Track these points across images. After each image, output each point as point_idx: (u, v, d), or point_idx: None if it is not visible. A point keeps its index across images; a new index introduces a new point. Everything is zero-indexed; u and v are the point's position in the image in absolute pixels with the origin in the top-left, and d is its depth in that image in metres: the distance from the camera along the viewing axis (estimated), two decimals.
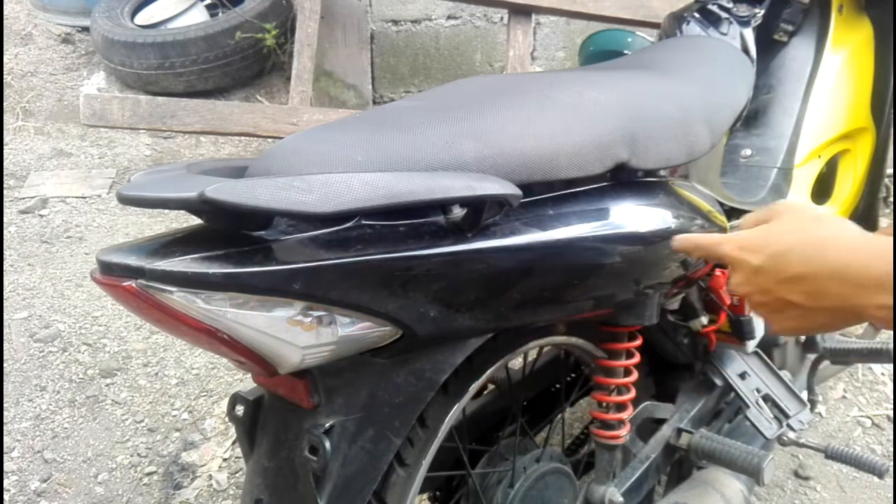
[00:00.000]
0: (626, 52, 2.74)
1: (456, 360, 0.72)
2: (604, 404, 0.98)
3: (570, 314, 0.80)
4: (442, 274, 0.64)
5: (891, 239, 0.52)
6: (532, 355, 1.13)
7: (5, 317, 2.00)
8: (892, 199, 1.67)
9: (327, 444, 0.68)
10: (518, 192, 0.64)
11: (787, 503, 1.56)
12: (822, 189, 1.47)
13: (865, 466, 1.08)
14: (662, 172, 0.87)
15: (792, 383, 1.13)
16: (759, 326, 1.10)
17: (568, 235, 0.72)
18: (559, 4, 2.92)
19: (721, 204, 1.05)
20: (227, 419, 1.38)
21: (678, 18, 1.31)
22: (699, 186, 0.99)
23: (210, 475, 1.59)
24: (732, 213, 1.14)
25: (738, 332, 1.05)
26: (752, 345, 1.10)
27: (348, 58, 3.48)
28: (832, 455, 1.11)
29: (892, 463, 1.08)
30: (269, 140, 2.90)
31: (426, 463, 0.78)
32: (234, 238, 0.59)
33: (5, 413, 1.72)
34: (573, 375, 1.21)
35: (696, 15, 1.29)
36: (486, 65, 3.71)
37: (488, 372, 0.83)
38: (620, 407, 0.98)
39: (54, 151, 2.95)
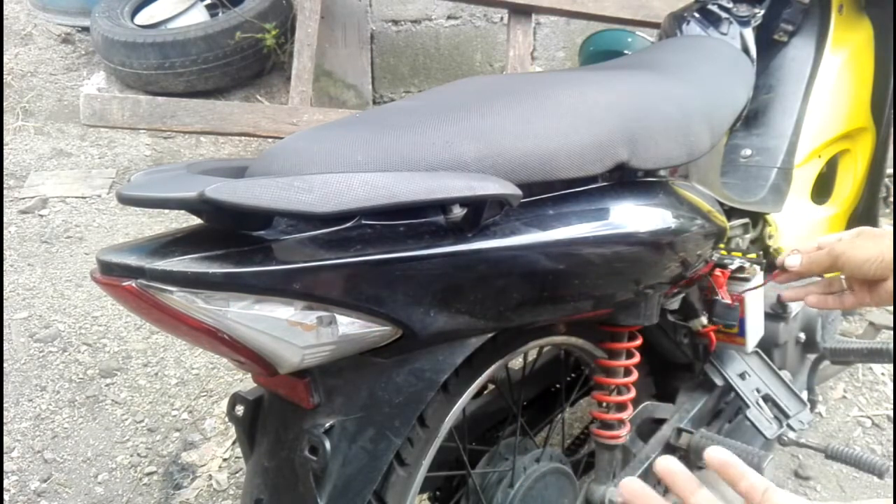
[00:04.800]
0: (626, 52, 2.74)
1: (456, 360, 0.72)
2: (604, 404, 0.98)
3: (570, 314, 0.80)
4: (442, 274, 0.64)
5: None
6: (532, 355, 1.13)
7: (5, 317, 2.00)
8: (892, 199, 1.67)
9: (327, 444, 0.68)
10: (518, 192, 0.64)
11: None
12: (822, 189, 1.47)
13: (865, 466, 1.08)
14: (662, 172, 0.87)
15: (792, 383, 1.13)
16: (758, 325, 1.09)
17: (568, 235, 0.72)
18: (559, 4, 2.92)
19: (721, 204, 1.05)
20: (227, 419, 1.38)
21: (678, 18, 1.31)
22: (699, 186, 0.99)
23: (210, 475, 1.59)
24: (732, 212, 1.14)
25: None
26: (751, 345, 1.10)
27: (348, 58, 3.48)
28: (832, 455, 1.11)
29: (892, 463, 1.08)
30: (269, 140, 2.90)
31: (426, 463, 0.78)
32: (234, 238, 0.59)
33: (5, 413, 1.72)
34: (573, 375, 1.21)
35: (696, 15, 1.29)
36: (486, 65, 3.70)
37: (488, 372, 0.83)
38: (620, 407, 0.98)
39: (54, 151, 2.95)
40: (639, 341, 0.96)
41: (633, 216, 0.79)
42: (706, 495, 0.54)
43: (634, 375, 0.98)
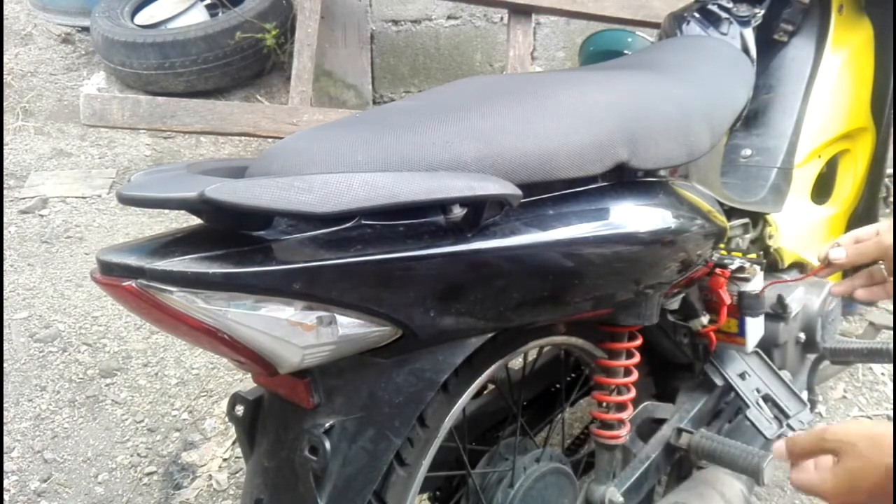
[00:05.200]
0: (626, 52, 2.74)
1: (456, 360, 0.72)
2: (604, 404, 0.98)
3: (570, 314, 0.80)
4: (442, 274, 0.64)
5: None
6: (532, 355, 1.13)
7: (5, 317, 2.00)
8: (892, 199, 1.67)
9: (327, 444, 0.68)
10: (518, 192, 0.64)
11: (787, 503, 1.56)
12: (822, 189, 1.48)
13: None
14: (662, 172, 0.87)
15: (792, 383, 1.13)
16: (758, 325, 1.09)
17: (568, 235, 0.72)
18: (559, 4, 2.92)
19: (721, 204, 1.05)
20: (227, 419, 1.38)
21: (678, 18, 1.31)
22: (699, 186, 0.99)
23: (210, 475, 1.59)
24: (732, 212, 1.14)
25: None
26: (751, 345, 1.10)
27: (348, 58, 3.48)
28: None
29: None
30: (269, 140, 2.90)
31: (426, 463, 0.78)
32: (234, 238, 0.59)
33: (5, 413, 1.72)
34: (573, 375, 1.21)
35: (696, 15, 1.29)
36: (486, 65, 3.70)
37: (488, 372, 0.83)
38: (620, 407, 0.98)
39: (54, 151, 2.95)
40: (639, 341, 0.96)
41: (633, 216, 0.79)
42: None
43: (634, 375, 0.98)
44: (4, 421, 1.70)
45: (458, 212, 0.64)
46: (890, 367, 1.95)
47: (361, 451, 0.70)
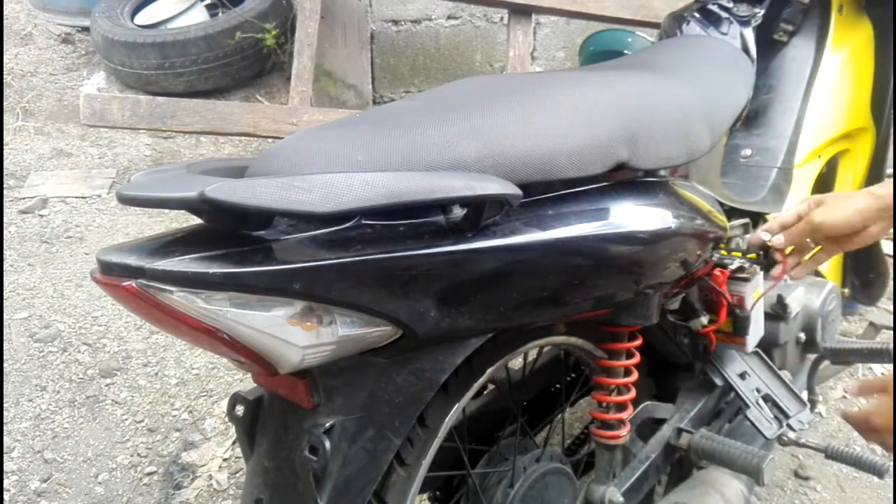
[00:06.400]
0: (626, 52, 2.74)
1: (456, 360, 0.72)
2: (604, 404, 0.98)
3: (570, 314, 0.80)
4: (442, 274, 0.64)
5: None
6: (532, 355, 1.13)
7: (5, 317, 2.00)
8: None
9: (327, 444, 0.68)
10: (518, 191, 0.64)
11: (787, 503, 1.56)
12: (822, 189, 1.47)
13: (865, 466, 1.08)
14: (662, 172, 0.87)
15: (792, 383, 1.13)
16: (758, 326, 1.09)
17: (568, 235, 0.72)
18: (559, 4, 2.92)
19: (721, 204, 1.05)
20: (227, 419, 1.38)
21: (678, 18, 1.31)
22: (699, 186, 1.00)
23: (210, 475, 1.59)
24: (732, 212, 1.15)
25: (738, 329, 1.06)
26: (751, 344, 1.10)
27: (348, 58, 3.48)
28: (832, 455, 1.11)
29: (892, 463, 1.08)
30: (269, 140, 2.90)
31: (426, 463, 0.78)
32: (234, 238, 0.59)
33: (5, 413, 1.72)
34: (573, 375, 1.21)
35: (696, 15, 1.29)
36: (486, 65, 3.71)
37: (488, 372, 0.83)
38: (620, 407, 0.98)
39: (54, 151, 2.95)
40: (639, 341, 0.96)
41: (633, 216, 0.79)
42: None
43: (634, 375, 0.98)
44: (4, 421, 1.70)
45: (458, 212, 0.64)
46: (890, 367, 1.95)
47: (361, 451, 0.70)
